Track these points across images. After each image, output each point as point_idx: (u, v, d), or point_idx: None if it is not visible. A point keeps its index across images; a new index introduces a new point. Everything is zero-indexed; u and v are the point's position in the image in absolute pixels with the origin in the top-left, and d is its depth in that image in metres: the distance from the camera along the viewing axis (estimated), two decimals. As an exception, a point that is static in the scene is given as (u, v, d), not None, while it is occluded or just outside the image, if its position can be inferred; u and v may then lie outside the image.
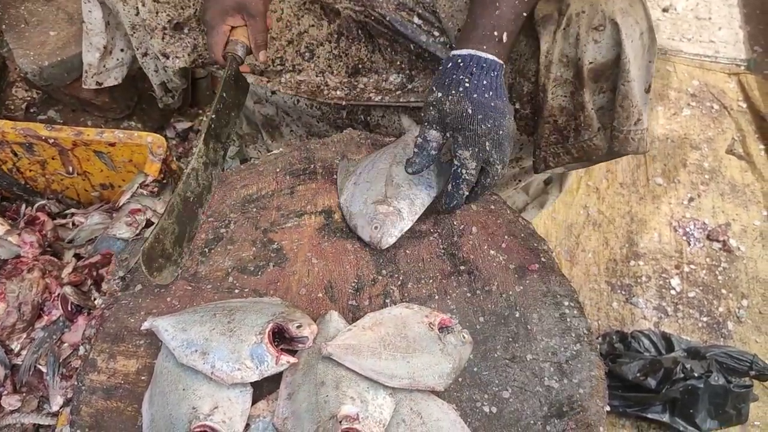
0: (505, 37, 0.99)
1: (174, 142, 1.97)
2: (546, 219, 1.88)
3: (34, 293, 1.11)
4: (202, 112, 2.04)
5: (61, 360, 1.08)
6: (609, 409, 0.89)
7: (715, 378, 1.43)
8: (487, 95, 0.96)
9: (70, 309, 1.12)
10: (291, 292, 0.98)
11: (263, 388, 0.86)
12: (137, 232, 1.16)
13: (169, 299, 0.98)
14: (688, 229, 1.89)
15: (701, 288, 1.77)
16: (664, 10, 2.55)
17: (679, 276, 1.78)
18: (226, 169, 1.14)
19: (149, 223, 1.15)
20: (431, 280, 1.00)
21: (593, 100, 1.08)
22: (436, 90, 0.98)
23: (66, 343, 1.10)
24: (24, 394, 1.07)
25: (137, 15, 1.32)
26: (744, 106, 2.22)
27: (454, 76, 0.97)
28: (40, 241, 1.20)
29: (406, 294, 0.98)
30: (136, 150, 1.28)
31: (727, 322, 1.70)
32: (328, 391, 0.81)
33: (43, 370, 1.07)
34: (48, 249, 1.24)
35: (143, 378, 0.90)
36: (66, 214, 1.40)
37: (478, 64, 0.97)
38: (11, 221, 1.30)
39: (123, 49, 1.53)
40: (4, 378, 1.07)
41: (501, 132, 0.96)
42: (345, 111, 1.37)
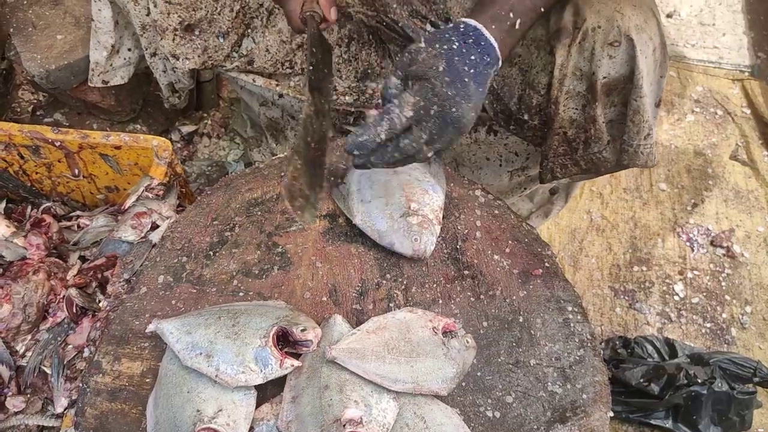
0: (518, 24, 0.95)
1: (179, 145, 1.98)
2: (549, 224, 1.88)
3: (39, 295, 1.12)
4: (206, 115, 2.05)
5: (65, 362, 1.08)
6: (612, 414, 0.89)
7: (719, 384, 1.43)
8: (467, 68, 0.89)
9: (75, 311, 1.12)
10: (295, 295, 0.99)
11: (267, 392, 0.86)
12: (142, 235, 1.16)
13: (173, 302, 0.98)
14: (691, 235, 1.89)
15: (705, 294, 1.76)
16: (668, 16, 2.55)
17: (682, 282, 1.78)
18: (231, 173, 1.14)
19: (154, 226, 1.16)
20: (435, 285, 1.00)
21: (604, 113, 1.09)
22: (422, 42, 0.91)
23: (71, 345, 1.10)
24: (28, 396, 1.08)
25: (148, 15, 1.33)
26: (748, 112, 2.22)
27: (446, 36, 0.91)
28: (46, 244, 1.21)
29: (410, 298, 0.98)
30: (142, 153, 1.29)
31: (731, 329, 1.70)
32: (332, 394, 0.81)
33: (48, 371, 1.08)
34: (53, 251, 1.24)
35: (148, 380, 0.90)
36: (71, 216, 1.40)
37: (477, 39, 0.91)
38: (17, 223, 1.30)
39: (130, 49, 1.54)
40: (9, 379, 1.07)
41: (454, 110, 0.87)
42: (352, 117, 1.38)
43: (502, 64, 0.96)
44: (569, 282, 1.01)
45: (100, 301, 1.14)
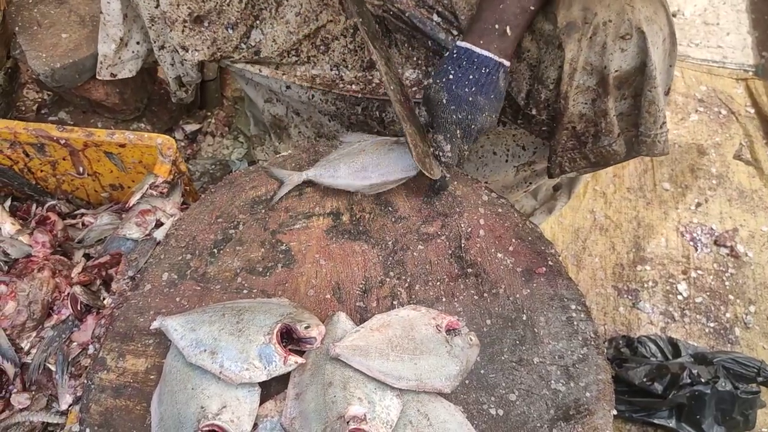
0: (508, 30, 1.01)
1: (183, 144, 1.98)
2: (553, 223, 1.88)
3: (44, 292, 1.12)
4: (210, 114, 2.06)
5: (70, 359, 1.08)
6: (615, 413, 0.89)
7: (722, 384, 1.43)
8: (467, 89, 1.02)
9: (79, 308, 1.12)
10: (299, 293, 0.99)
11: (271, 388, 0.86)
12: (147, 233, 1.17)
13: (178, 299, 0.98)
14: (695, 235, 1.88)
15: (708, 293, 1.76)
16: (672, 16, 2.54)
17: (686, 281, 1.78)
18: (235, 171, 1.15)
19: (159, 224, 1.16)
20: (439, 283, 1.00)
21: (616, 106, 1.09)
22: (431, 76, 1.06)
23: (75, 342, 1.11)
24: (33, 393, 1.08)
25: (157, 7, 1.33)
26: (752, 111, 2.22)
27: (444, 66, 1.04)
28: (51, 241, 1.21)
29: (414, 296, 0.99)
30: (146, 151, 1.29)
31: (735, 328, 1.69)
32: (336, 391, 0.81)
33: (53, 368, 1.08)
34: (58, 249, 1.25)
35: (152, 377, 0.91)
36: (76, 214, 1.40)
37: (470, 58, 1.02)
38: (22, 221, 1.31)
39: (139, 42, 1.55)
40: (14, 376, 1.08)
41: (473, 126, 1.02)
42: (360, 107, 1.38)
43: (510, 61, 1.05)
44: (572, 280, 1.01)
45: (104, 299, 1.15)
